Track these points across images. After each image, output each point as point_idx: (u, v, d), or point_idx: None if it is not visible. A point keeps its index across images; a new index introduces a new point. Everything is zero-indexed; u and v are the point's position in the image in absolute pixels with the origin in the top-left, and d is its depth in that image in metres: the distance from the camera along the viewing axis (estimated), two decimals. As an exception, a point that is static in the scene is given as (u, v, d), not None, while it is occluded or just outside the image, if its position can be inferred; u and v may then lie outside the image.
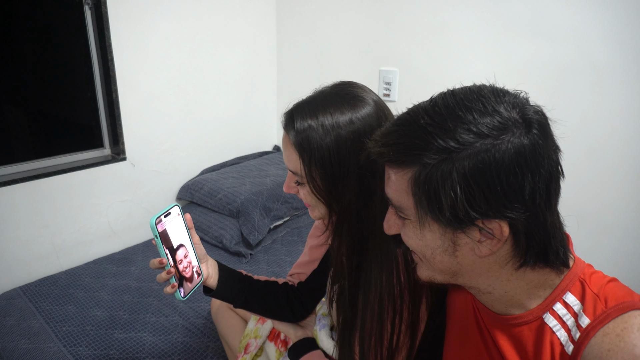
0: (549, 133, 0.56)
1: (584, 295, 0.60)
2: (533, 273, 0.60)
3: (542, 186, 0.54)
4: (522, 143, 0.53)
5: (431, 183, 0.55)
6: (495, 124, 0.53)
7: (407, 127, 0.57)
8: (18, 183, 1.68)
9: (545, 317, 0.62)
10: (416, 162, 0.55)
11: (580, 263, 0.64)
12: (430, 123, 0.55)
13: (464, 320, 0.76)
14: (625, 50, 1.47)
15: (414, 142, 0.55)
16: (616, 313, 0.56)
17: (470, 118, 0.53)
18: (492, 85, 0.59)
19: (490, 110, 0.54)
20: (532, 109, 0.56)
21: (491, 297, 0.65)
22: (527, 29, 1.64)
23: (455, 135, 0.53)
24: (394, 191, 0.61)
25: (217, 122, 2.32)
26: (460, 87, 0.60)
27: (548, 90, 1.63)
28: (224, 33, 2.23)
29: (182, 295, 0.80)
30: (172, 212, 0.79)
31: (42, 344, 1.38)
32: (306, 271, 1.08)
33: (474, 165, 0.52)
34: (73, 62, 1.90)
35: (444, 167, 0.53)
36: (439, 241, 0.59)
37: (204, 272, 0.88)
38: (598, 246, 1.66)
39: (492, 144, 0.52)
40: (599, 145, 1.58)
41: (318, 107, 0.77)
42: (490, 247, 0.57)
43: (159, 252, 0.77)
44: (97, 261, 1.88)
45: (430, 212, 0.57)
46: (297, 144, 0.77)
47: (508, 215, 0.54)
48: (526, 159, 0.53)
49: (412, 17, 1.93)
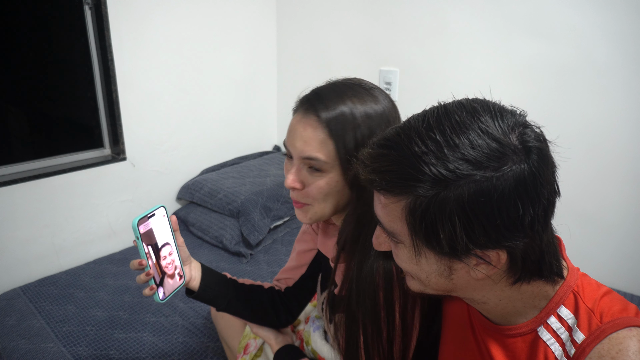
0: (548, 157, 0.54)
1: (578, 309, 0.59)
2: (527, 286, 0.60)
3: (541, 213, 0.53)
4: (521, 172, 0.50)
5: (428, 215, 0.52)
6: (494, 152, 0.50)
7: (400, 153, 0.53)
8: (18, 183, 1.68)
9: (539, 330, 0.61)
10: (410, 192, 0.52)
11: (574, 273, 0.63)
12: (425, 151, 0.51)
13: (459, 326, 0.75)
14: (625, 50, 1.47)
15: (407, 171, 0.52)
16: (611, 329, 0.55)
17: (468, 145, 0.50)
18: (489, 102, 0.56)
19: (488, 135, 0.51)
20: (531, 132, 0.53)
21: (486, 306, 0.65)
22: (527, 29, 1.64)
23: (452, 165, 0.50)
24: (385, 216, 0.58)
25: (217, 122, 2.32)
26: (453, 102, 0.56)
27: (548, 90, 1.63)
28: (224, 33, 2.23)
29: (161, 298, 0.79)
30: (157, 213, 0.79)
31: (42, 344, 1.38)
32: (294, 276, 1.06)
33: (473, 198, 0.50)
34: (73, 62, 1.90)
35: (441, 198, 0.51)
36: (434, 266, 0.58)
37: (187, 275, 0.87)
38: (598, 246, 1.66)
39: (491, 176, 0.50)
40: (599, 145, 1.58)
41: (345, 94, 0.76)
42: (486, 272, 0.56)
43: (140, 254, 0.77)
44: (97, 261, 1.88)
45: (426, 242, 0.55)
46: (329, 127, 0.74)
47: (507, 245, 0.53)
48: (526, 189, 0.51)
49: (413, 17, 1.93)
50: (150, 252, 0.77)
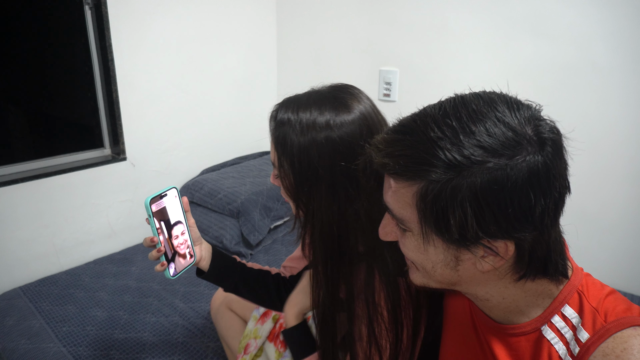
0: (562, 151, 0.54)
1: (582, 308, 0.59)
2: (532, 284, 0.60)
3: (552, 206, 0.53)
4: (535, 163, 0.50)
5: (439, 201, 0.52)
6: (509, 140, 0.50)
7: (415, 138, 0.53)
8: (18, 183, 1.68)
9: (543, 329, 0.61)
10: (423, 177, 0.52)
11: (579, 273, 0.63)
12: (441, 136, 0.51)
13: (461, 325, 0.75)
14: (625, 50, 1.47)
15: (421, 156, 0.52)
16: (616, 329, 0.55)
17: (484, 132, 0.51)
18: (505, 95, 0.56)
19: (505, 125, 0.51)
20: (547, 125, 0.53)
21: (489, 303, 0.65)
22: (527, 29, 1.64)
23: (467, 151, 0.50)
24: (395, 202, 0.58)
25: (217, 122, 2.32)
26: (471, 93, 0.57)
27: (548, 90, 1.63)
28: (225, 33, 2.23)
29: (172, 274, 0.82)
30: (169, 193, 0.82)
31: (42, 344, 1.38)
32: (298, 266, 1.08)
33: (486, 185, 0.50)
34: (73, 62, 1.90)
35: (454, 184, 0.51)
36: (442, 256, 0.58)
37: (197, 254, 0.90)
38: (598, 246, 1.66)
39: (505, 164, 0.50)
40: (599, 145, 1.58)
41: (302, 103, 0.77)
42: (493, 263, 0.56)
43: (152, 231, 0.80)
44: (97, 261, 1.88)
45: (435, 229, 0.55)
46: (274, 135, 0.78)
47: (515, 236, 0.53)
48: (539, 180, 0.51)
49: (413, 17, 1.93)
50: (162, 229, 0.80)
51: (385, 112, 0.83)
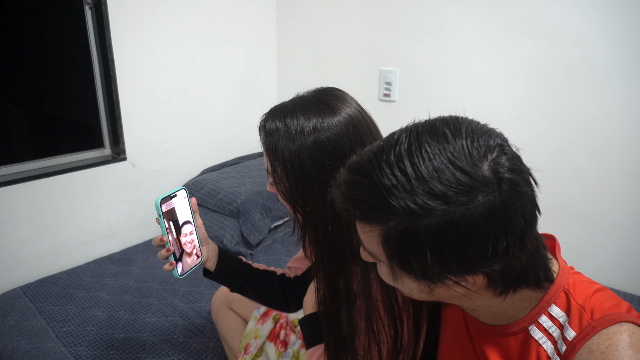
0: (522, 186, 0.52)
1: (569, 306, 0.60)
2: (515, 294, 0.61)
3: (516, 240, 0.52)
4: (492, 203, 0.49)
5: (400, 245, 0.53)
6: (463, 186, 0.49)
7: (371, 183, 0.53)
8: (18, 183, 1.68)
9: (530, 329, 0.62)
10: (382, 223, 0.53)
11: (565, 272, 0.63)
12: (395, 184, 0.51)
13: (456, 326, 0.76)
14: (625, 50, 1.47)
15: (378, 203, 0.52)
16: (602, 326, 0.55)
17: (436, 179, 0.50)
18: (462, 125, 0.54)
19: (458, 168, 0.50)
20: (505, 160, 0.51)
21: (477, 312, 0.66)
22: (527, 29, 1.64)
23: (420, 200, 0.50)
24: (365, 240, 0.59)
25: (217, 122, 2.32)
26: (426, 124, 0.55)
27: (548, 90, 1.63)
28: (225, 33, 2.23)
29: (180, 273, 0.84)
30: (178, 194, 0.84)
31: (42, 344, 1.38)
32: (302, 266, 1.09)
33: (442, 229, 0.50)
34: (73, 62, 1.90)
35: (412, 229, 0.51)
36: (414, 284, 0.59)
37: (204, 255, 0.92)
38: (598, 246, 1.66)
39: (460, 208, 0.49)
40: (599, 145, 1.58)
41: (288, 111, 0.78)
42: (465, 290, 0.57)
43: (162, 231, 0.82)
44: (98, 261, 1.88)
45: (402, 268, 0.56)
46: (265, 145, 0.80)
47: (481, 271, 0.53)
48: (498, 219, 0.50)
49: (413, 17, 1.93)
50: (171, 229, 0.82)
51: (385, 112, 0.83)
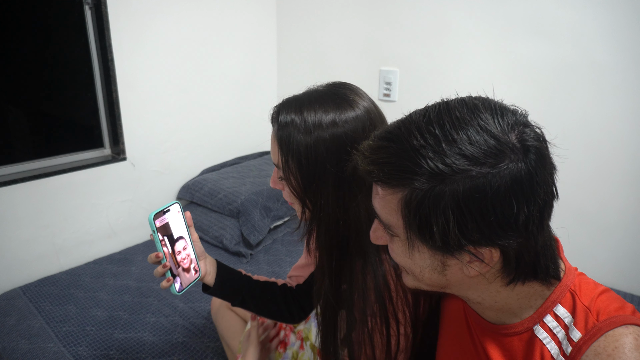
0: (546, 158, 0.54)
1: (575, 307, 0.59)
2: (523, 287, 0.60)
3: (536, 214, 0.52)
4: (518, 171, 0.50)
5: (422, 208, 0.52)
6: (492, 149, 0.50)
7: (399, 146, 0.54)
8: (18, 183, 1.68)
9: (535, 329, 0.61)
10: (407, 185, 0.53)
11: (571, 273, 0.63)
12: (424, 144, 0.52)
13: (456, 325, 0.76)
14: (625, 50, 1.47)
15: (405, 164, 0.52)
16: (607, 327, 0.55)
17: (466, 141, 0.51)
18: (491, 101, 0.56)
19: (487, 132, 0.51)
20: (531, 132, 0.53)
21: (481, 306, 0.65)
22: (527, 29, 1.64)
23: (449, 160, 0.50)
24: (382, 208, 0.58)
25: (217, 122, 2.32)
26: (456, 98, 0.57)
27: (548, 90, 1.63)
28: (225, 33, 2.23)
29: (178, 290, 0.81)
30: (172, 209, 0.82)
31: (42, 344, 1.38)
32: (304, 274, 1.08)
33: (468, 193, 0.50)
34: (73, 62, 1.90)
35: (436, 192, 0.51)
36: (428, 261, 0.58)
37: (202, 269, 0.89)
38: (598, 246, 1.66)
39: (487, 172, 0.50)
40: (598, 144, 1.58)
41: (304, 103, 0.77)
42: (479, 269, 0.56)
43: (156, 247, 0.79)
44: (97, 261, 1.88)
45: (420, 235, 0.55)
46: (278, 137, 0.78)
47: (500, 243, 0.53)
48: (522, 188, 0.51)
49: (413, 17, 1.93)
50: (167, 244, 0.80)
51: (386, 112, 0.83)
